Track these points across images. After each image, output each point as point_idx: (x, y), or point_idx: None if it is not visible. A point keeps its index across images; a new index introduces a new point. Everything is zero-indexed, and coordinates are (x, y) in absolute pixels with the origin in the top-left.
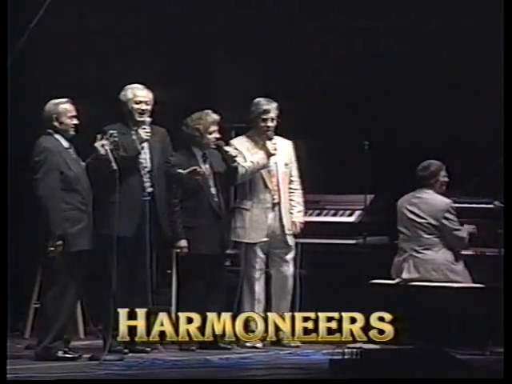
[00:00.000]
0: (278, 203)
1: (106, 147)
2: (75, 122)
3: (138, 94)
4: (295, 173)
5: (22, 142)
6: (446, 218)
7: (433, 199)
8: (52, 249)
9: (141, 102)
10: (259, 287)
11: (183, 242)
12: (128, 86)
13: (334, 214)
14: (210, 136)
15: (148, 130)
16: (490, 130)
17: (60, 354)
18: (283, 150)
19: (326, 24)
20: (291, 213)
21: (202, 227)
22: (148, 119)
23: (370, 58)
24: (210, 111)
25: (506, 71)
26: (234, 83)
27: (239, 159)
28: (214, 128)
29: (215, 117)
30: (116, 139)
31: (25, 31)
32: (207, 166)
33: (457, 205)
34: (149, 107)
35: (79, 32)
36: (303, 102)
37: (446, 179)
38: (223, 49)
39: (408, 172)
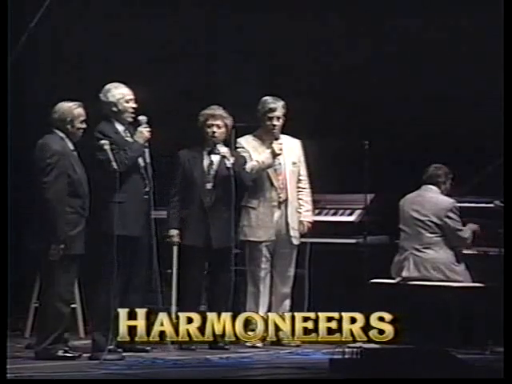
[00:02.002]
0: (285, 202)
1: (106, 147)
2: (84, 126)
3: (126, 93)
4: (304, 172)
5: (22, 143)
6: (448, 217)
7: (437, 198)
8: (55, 252)
9: (131, 99)
10: (264, 287)
11: (173, 231)
12: (110, 86)
13: (334, 214)
14: (208, 129)
15: (149, 129)
16: (489, 130)
17: (60, 353)
18: (291, 149)
19: (327, 24)
20: (299, 212)
21: (188, 219)
22: (145, 118)
23: (369, 58)
24: (214, 106)
25: (506, 71)
26: (234, 83)
27: (247, 157)
28: (212, 122)
29: (213, 111)
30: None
31: (25, 31)
32: (209, 161)
33: (457, 204)
34: (136, 105)
35: (79, 32)
36: (303, 102)
37: (451, 184)
38: (224, 48)
39: (408, 172)
